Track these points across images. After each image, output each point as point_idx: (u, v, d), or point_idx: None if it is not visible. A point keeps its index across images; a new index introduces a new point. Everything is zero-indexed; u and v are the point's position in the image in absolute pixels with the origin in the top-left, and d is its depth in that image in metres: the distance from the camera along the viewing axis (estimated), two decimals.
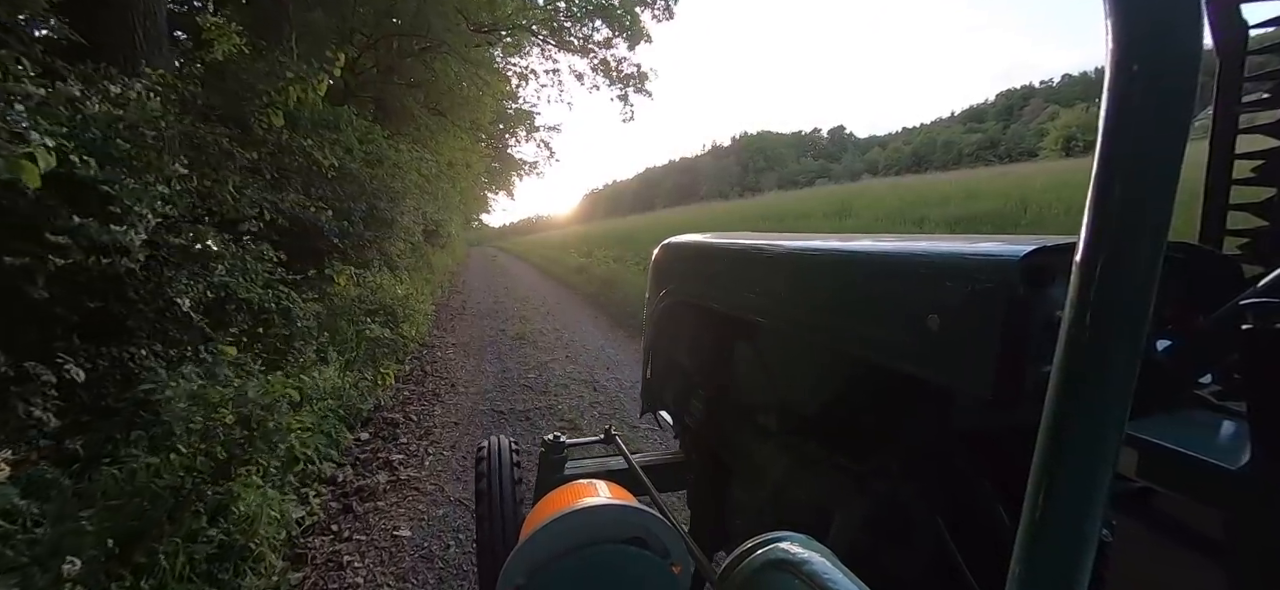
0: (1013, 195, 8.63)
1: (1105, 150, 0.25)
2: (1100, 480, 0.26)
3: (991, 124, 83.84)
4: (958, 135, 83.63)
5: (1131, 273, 0.25)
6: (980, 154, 70.32)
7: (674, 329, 1.43)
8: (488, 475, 1.30)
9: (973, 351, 0.59)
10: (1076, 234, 0.27)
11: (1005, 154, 69.26)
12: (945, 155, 77.61)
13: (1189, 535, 0.59)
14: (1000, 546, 0.69)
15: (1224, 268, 0.68)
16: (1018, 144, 73.59)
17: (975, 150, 73.09)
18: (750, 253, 1.09)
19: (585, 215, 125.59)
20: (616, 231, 17.69)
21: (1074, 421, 0.26)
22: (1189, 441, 0.54)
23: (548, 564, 0.73)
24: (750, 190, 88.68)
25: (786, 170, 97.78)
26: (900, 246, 0.76)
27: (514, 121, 20.06)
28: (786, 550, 0.45)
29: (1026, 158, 54.95)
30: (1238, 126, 0.95)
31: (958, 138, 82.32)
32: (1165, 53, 0.24)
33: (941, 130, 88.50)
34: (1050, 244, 0.57)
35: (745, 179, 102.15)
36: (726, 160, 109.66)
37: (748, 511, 1.22)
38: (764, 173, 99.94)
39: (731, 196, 77.68)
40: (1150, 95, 0.24)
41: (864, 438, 0.91)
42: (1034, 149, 63.78)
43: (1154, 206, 0.25)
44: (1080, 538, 0.27)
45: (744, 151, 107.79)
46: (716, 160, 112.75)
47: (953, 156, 76.38)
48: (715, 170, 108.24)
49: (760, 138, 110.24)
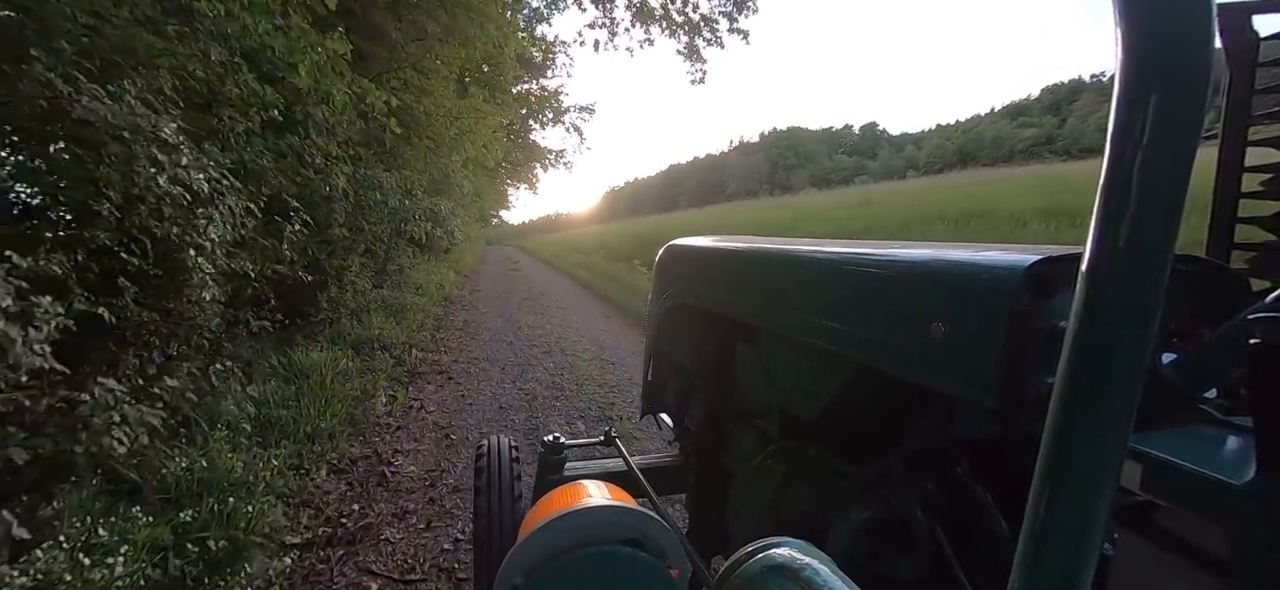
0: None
1: (1113, 159, 0.25)
2: (1103, 492, 0.27)
3: (1047, 119, 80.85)
4: (1006, 131, 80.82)
5: (1137, 284, 0.25)
6: (1033, 150, 67.72)
7: (676, 331, 1.47)
8: (486, 472, 1.33)
9: (976, 360, 0.60)
10: (1083, 244, 0.27)
11: (1063, 150, 66.68)
12: (995, 152, 75.09)
13: (1192, 550, 0.60)
14: (1000, 557, 0.70)
15: (1231, 281, 0.69)
16: (1077, 140, 70.80)
17: (1027, 146, 70.46)
18: (753, 257, 1.12)
19: (606, 214, 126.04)
20: (657, 231, 15.27)
21: (1077, 433, 0.27)
22: (1193, 455, 0.54)
23: (545, 565, 0.75)
24: (781, 188, 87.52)
25: (819, 168, 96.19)
26: (905, 253, 0.77)
27: (539, 104, 18.65)
28: (785, 556, 0.46)
29: (1088, 154, 52.71)
30: (1247, 139, 0.96)
31: (1007, 134, 79.58)
32: (1175, 62, 0.24)
33: (989, 126, 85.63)
34: (1056, 254, 0.59)
35: (775, 176, 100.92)
36: (755, 157, 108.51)
37: (746, 516, 1.24)
38: (795, 170, 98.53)
39: (760, 194, 76.62)
40: (1159, 104, 0.24)
41: (864, 444, 0.93)
42: (1095, 145, 61.07)
43: (1161, 218, 0.25)
44: (1082, 550, 0.27)
45: (773, 148, 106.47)
46: (744, 157, 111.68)
47: (1002, 153, 73.84)
48: (743, 168, 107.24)
49: (790, 134, 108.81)
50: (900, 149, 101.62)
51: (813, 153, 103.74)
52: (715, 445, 1.37)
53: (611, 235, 21.79)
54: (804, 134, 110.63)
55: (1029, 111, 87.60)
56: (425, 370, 4.92)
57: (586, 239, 24.65)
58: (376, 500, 2.69)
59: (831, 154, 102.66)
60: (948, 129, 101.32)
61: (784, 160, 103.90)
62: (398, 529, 2.47)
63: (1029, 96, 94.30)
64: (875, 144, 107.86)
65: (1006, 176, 14.77)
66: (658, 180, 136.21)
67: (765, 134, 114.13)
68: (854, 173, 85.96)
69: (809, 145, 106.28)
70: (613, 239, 19.70)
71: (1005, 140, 77.96)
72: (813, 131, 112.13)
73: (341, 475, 2.91)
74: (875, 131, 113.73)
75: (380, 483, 2.86)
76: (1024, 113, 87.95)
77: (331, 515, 2.53)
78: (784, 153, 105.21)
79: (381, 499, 2.70)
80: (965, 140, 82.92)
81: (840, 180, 75.21)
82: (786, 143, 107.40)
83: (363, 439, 3.37)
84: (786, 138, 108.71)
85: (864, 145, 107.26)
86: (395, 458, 3.16)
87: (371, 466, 3.03)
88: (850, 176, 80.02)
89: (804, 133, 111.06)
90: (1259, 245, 0.95)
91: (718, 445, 1.36)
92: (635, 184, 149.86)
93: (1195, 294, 0.67)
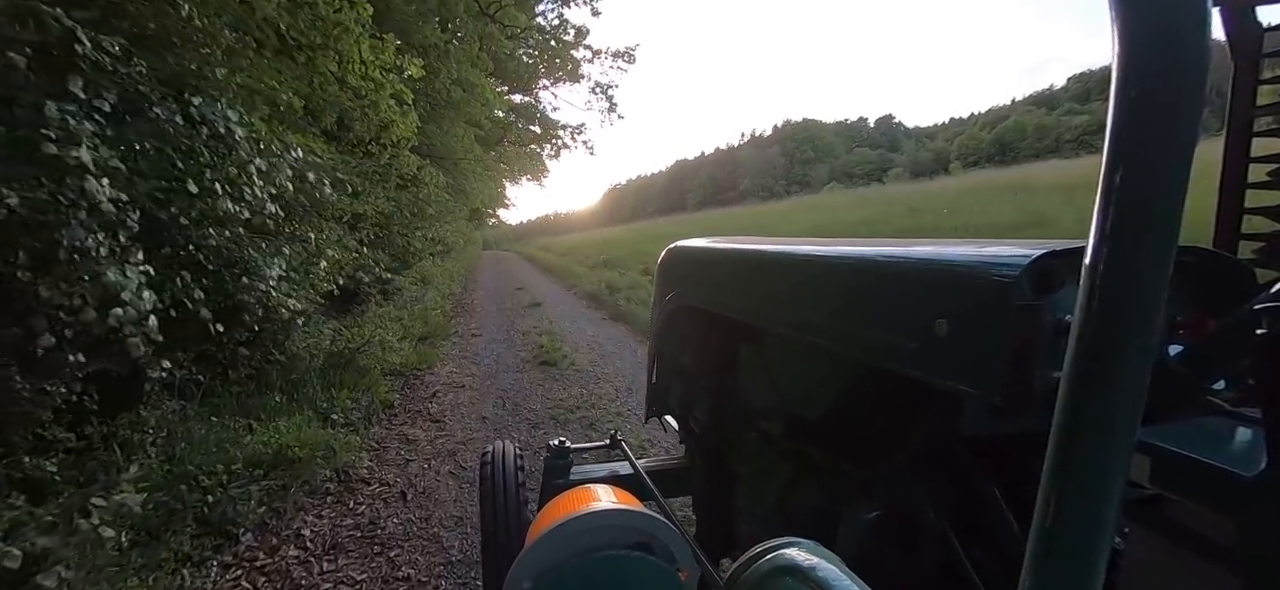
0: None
1: (1113, 151, 0.27)
2: (1112, 487, 0.28)
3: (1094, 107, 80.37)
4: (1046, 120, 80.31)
5: (1141, 277, 0.26)
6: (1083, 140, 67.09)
7: (680, 333, 1.53)
8: (491, 479, 1.40)
9: (981, 356, 0.63)
10: (1086, 237, 0.28)
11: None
12: (1039, 143, 74.57)
13: (1202, 543, 0.64)
14: (1009, 554, 0.75)
15: (1237, 272, 0.72)
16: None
17: (1078, 135, 69.80)
18: (756, 257, 1.19)
19: (609, 213, 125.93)
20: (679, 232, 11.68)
21: (1085, 428, 0.28)
22: (1202, 448, 0.58)
23: (553, 569, 0.79)
24: (799, 184, 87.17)
25: (838, 162, 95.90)
26: (907, 251, 0.82)
27: (554, 54, 14.13)
28: (794, 556, 0.48)
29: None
30: (1253, 130, 1.02)
31: (1050, 123, 79.05)
32: (1173, 54, 0.26)
33: (1025, 115, 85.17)
34: (1059, 248, 0.62)
35: (791, 171, 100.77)
36: (769, 151, 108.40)
37: (754, 517, 1.30)
38: (813, 164, 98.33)
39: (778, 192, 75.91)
40: (1158, 95, 0.26)
41: (871, 443, 0.97)
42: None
43: (1163, 209, 0.26)
44: (1092, 546, 0.28)
45: (788, 141, 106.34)
46: (758, 151, 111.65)
47: (1048, 143, 73.28)
48: (757, 162, 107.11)
49: (806, 126, 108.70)
50: (931, 139, 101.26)
51: (830, 147, 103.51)
52: (721, 447, 1.43)
53: (635, 240, 18.42)
54: (820, 126, 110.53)
55: (1055, 103, 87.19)
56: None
57: (598, 243, 22.61)
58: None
59: (850, 148, 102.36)
60: (964, 121, 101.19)
61: (800, 154, 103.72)
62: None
63: (1052, 87, 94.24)
64: (893, 137, 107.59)
65: (1067, 170, 13.76)
66: (664, 177, 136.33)
67: (779, 126, 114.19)
68: (879, 167, 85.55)
69: (826, 138, 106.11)
70: (636, 243, 16.74)
71: (1049, 129, 77.39)
72: (828, 124, 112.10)
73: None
74: (891, 124, 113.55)
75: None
76: (1050, 104, 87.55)
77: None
78: (800, 146, 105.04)
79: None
80: (1005, 130, 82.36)
81: (863, 176, 74.79)
82: (803, 135, 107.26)
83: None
84: (802, 130, 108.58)
85: (881, 138, 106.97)
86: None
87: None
88: (877, 172, 79.54)
89: (820, 125, 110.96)
90: (1266, 236, 1.00)
91: (723, 447, 1.43)
92: (639, 181, 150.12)
93: (1201, 285, 0.70)
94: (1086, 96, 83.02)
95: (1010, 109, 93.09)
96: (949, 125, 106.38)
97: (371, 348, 5.35)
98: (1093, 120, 76.69)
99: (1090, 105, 79.22)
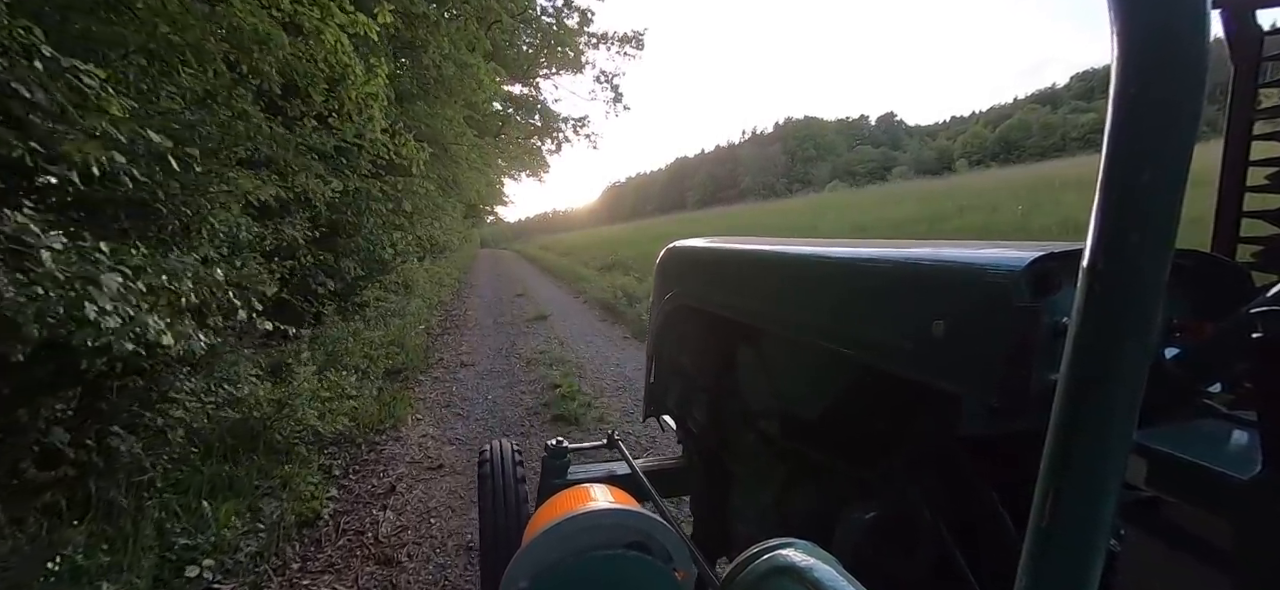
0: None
1: (1111, 154, 0.27)
2: (1108, 489, 0.28)
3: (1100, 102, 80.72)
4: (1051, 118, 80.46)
5: (1139, 279, 0.27)
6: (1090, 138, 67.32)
7: (678, 333, 1.55)
8: (490, 477, 1.42)
9: (978, 358, 0.65)
10: (1083, 239, 0.29)
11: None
12: (1045, 141, 74.77)
13: (1198, 545, 0.64)
14: (1005, 555, 0.76)
15: (1234, 276, 0.75)
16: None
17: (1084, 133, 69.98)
18: (755, 257, 1.20)
19: (607, 211, 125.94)
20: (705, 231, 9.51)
21: (1081, 429, 0.28)
22: (1198, 450, 0.59)
23: (549, 569, 0.80)
24: (800, 182, 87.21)
25: (841, 159, 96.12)
26: (906, 253, 0.83)
27: (557, 42, 13.57)
28: (791, 557, 0.49)
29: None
30: (1252, 133, 1.03)
31: (1056, 121, 79.20)
32: (1170, 56, 0.26)
33: (1027, 112, 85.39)
34: (1057, 250, 0.64)
35: (793, 169, 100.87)
36: (771, 149, 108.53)
37: (751, 517, 1.32)
38: (815, 163, 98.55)
39: (779, 190, 75.87)
40: (1157, 95, 0.26)
41: (868, 444, 0.99)
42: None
43: (1161, 212, 0.26)
44: (1088, 547, 0.28)
45: (790, 139, 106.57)
46: (759, 148, 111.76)
47: (1054, 141, 73.47)
48: (758, 160, 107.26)
49: (807, 124, 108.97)
50: (933, 137, 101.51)
51: (832, 145, 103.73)
52: (718, 447, 1.45)
53: (644, 239, 16.89)
54: (821, 124, 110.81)
55: (1058, 101, 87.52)
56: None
57: (602, 242, 21.83)
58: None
59: (852, 145, 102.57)
60: (965, 120, 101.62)
61: (802, 152, 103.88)
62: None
63: (1054, 85, 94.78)
64: (895, 135, 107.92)
65: (1079, 168, 13.50)
66: (664, 175, 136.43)
67: (780, 124, 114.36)
68: (882, 165, 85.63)
69: (827, 136, 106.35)
70: (645, 243, 14.92)
71: (1055, 127, 77.53)
72: (829, 122, 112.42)
73: None
74: (893, 122, 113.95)
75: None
76: (1052, 102, 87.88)
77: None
78: (802, 144, 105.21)
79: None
80: (1007, 129, 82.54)
81: (866, 174, 74.85)
82: (804, 133, 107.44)
83: None
84: (804, 128, 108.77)
85: (882, 136, 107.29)
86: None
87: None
88: (880, 170, 79.59)
89: (821, 123, 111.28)
90: (1264, 239, 1.01)
91: (721, 447, 1.44)
92: (639, 179, 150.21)
93: (1200, 288, 0.71)
94: (1090, 95, 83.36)
95: (1012, 107, 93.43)
96: (950, 124, 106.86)
97: (300, 404, 3.52)
98: (1098, 119, 76.62)
99: (1095, 103, 79.52)
